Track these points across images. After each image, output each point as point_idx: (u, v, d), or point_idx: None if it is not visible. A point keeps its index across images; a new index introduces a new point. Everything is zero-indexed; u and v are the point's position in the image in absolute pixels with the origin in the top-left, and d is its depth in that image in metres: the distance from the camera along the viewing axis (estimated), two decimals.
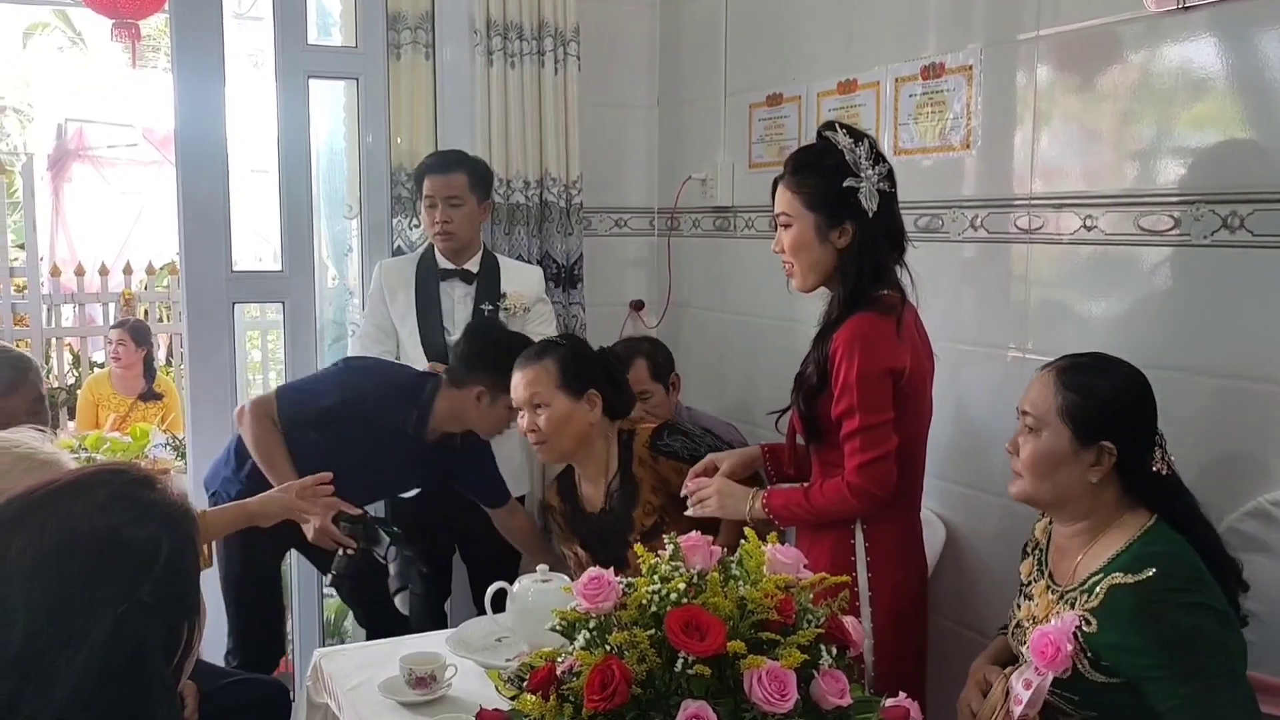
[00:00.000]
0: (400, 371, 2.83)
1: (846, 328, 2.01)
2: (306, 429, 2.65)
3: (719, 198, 3.44)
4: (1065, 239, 2.30)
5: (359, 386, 2.72)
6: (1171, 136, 2.09)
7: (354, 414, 2.67)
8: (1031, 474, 1.77)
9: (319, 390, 2.72)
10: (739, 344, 3.44)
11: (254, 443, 2.64)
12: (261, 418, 2.65)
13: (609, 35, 3.67)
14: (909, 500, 2.14)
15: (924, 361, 2.10)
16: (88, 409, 5.50)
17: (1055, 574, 1.81)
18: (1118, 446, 1.71)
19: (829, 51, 2.98)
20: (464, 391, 2.70)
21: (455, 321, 3.11)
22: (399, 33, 3.32)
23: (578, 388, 2.47)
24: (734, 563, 1.54)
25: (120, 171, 7.59)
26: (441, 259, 3.13)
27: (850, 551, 2.09)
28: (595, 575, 1.44)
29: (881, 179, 2.03)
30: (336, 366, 2.80)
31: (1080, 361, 1.80)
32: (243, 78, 4.51)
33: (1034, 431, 1.76)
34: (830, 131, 2.06)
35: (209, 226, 3.22)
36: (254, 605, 2.87)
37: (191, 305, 3.25)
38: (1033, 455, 1.76)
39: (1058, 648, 1.61)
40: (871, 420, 1.98)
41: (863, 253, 2.04)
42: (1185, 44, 2.05)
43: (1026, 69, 2.38)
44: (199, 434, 3.29)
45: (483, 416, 2.72)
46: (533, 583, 1.96)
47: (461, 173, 3.05)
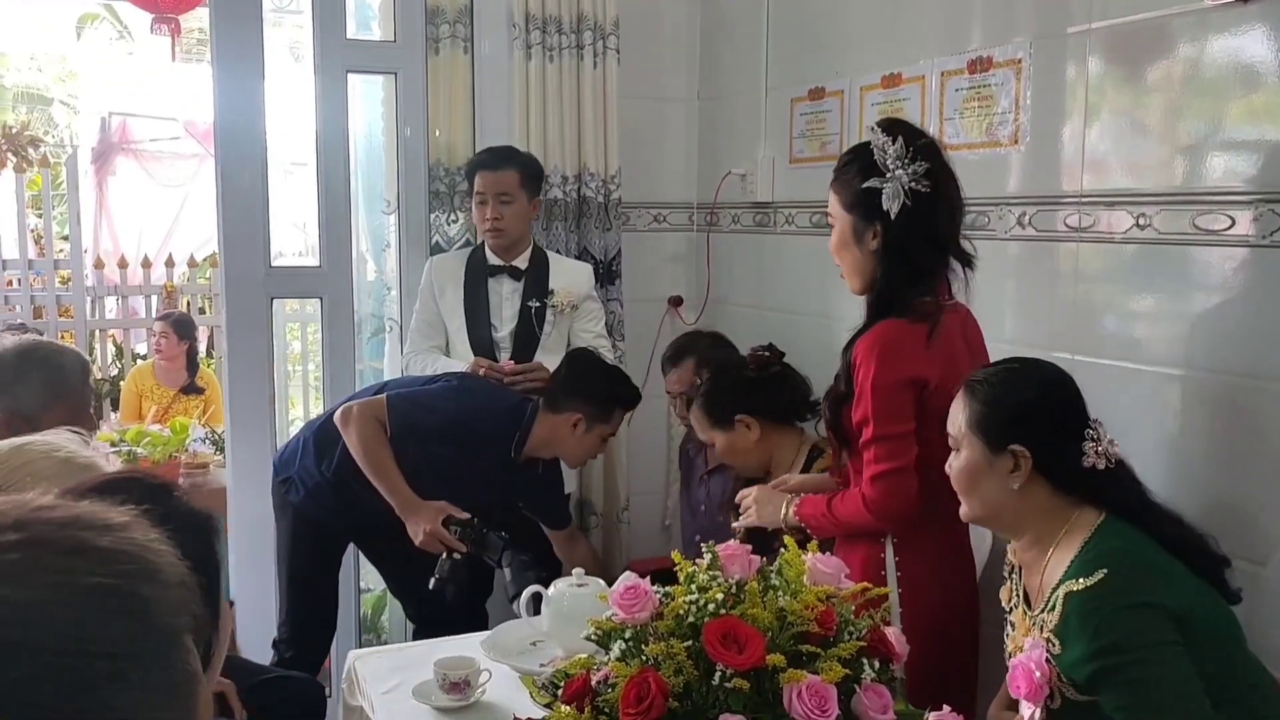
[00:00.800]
0: (506, 396, 2.83)
1: (870, 334, 1.97)
2: (411, 441, 2.65)
3: (759, 193, 3.39)
4: (1117, 237, 2.23)
5: (472, 407, 2.71)
6: (1228, 132, 2.02)
7: (463, 433, 2.67)
8: (963, 493, 1.76)
9: (434, 406, 2.70)
10: (779, 341, 3.35)
11: (362, 446, 2.63)
12: (372, 421, 2.64)
13: (649, 28, 3.63)
14: (946, 516, 2.07)
15: (961, 372, 1.97)
16: (131, 400, 5.54)
17: (1030, 596, 1.75)
18: (1030, 448, 1.67)
19: (873, 44, 2.92)
20: (561, 417, 2.71)
21: (502, 318, 3.11)
22: (438, 27, 3.30)
23: (725, 420, 2.57)
24: (774, 572, 1.50)
25: (163, 165, 7.66)
26: (491, 255, 3.12)
27: (880, 566, 2.03)
28: (632, 584, 1.41)
29: (916, 179, 1.94)
30: (450, 384, 2.78)
31: (988, 372, 1.79)
32: (283, 71, 4.53)
33: (956, 451, 1.76)
34: (875, 128, 2.01)
35: (248, 222, 3.22)
36: (313, 597, 2.91)
37: (230, 300, 3.25)
38: (956, 474, 1.76)
39: (1029, 678, 1.57)
40: (887, 430, 1.93)
41: (889, 256, 1.98)
42: (1242, 36, 1.98)
43: (1077, 62, 2.31)
44: (237, 427, 3.30)
45: (577, 444, 2.74)
46: (568, 586, 1.94)
47: (513, 169, 3.04)
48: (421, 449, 2.65)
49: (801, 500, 2.13)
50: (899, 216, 1.94)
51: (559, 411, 2.70)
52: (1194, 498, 2.00)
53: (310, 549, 2.84)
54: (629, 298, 3.57)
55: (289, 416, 5.88)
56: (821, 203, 3.14)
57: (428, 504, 2.58)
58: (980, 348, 2.10)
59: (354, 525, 2.85)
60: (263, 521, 3.04)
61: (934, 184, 1.94)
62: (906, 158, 1.94)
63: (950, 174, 2.00)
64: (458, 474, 2.70)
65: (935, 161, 1.96)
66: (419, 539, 2.56)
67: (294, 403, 5.96)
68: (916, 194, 1.94)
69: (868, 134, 2.04)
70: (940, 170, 1.96)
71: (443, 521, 2.54)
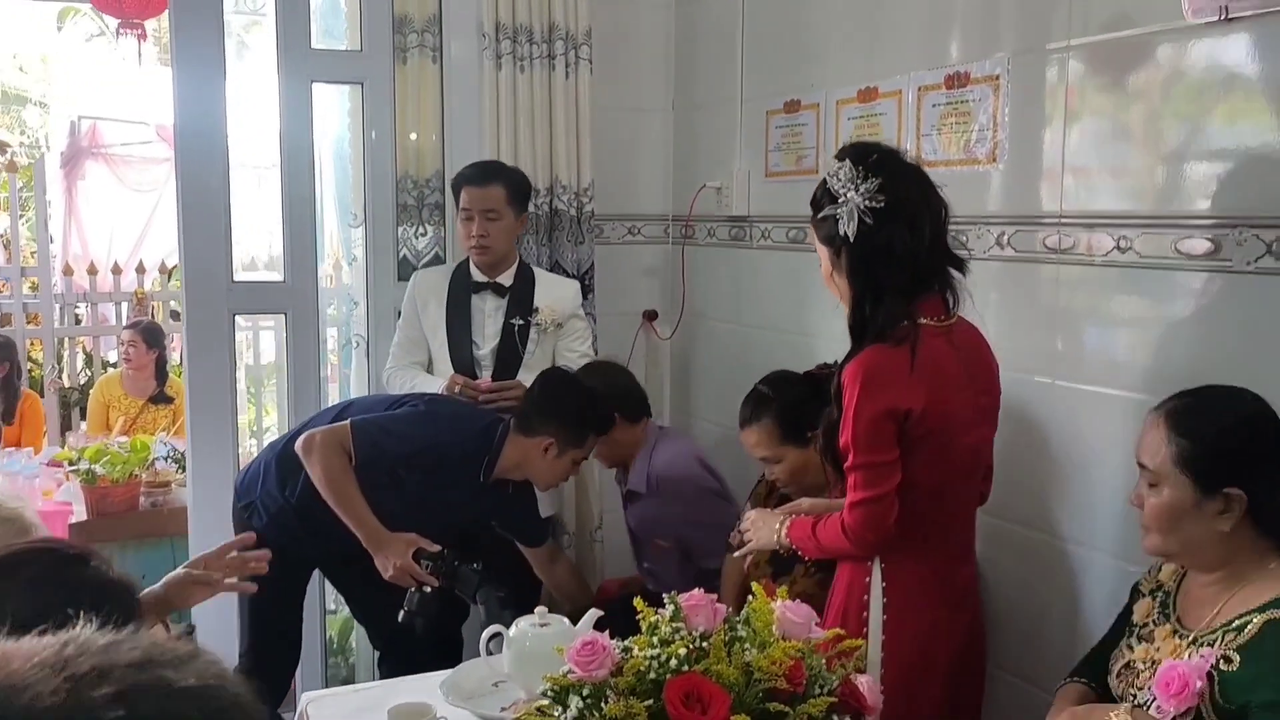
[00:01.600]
0: (476, 418, 2.73)
1: (855, 361, 1.92)
2: (377, 468, 2.57)
3: (735, 207, 3.33)
4: (1097, 260, 2.18)
5: (440, 432, 2.62)
6: (1212, 155, 1.96)
7: (431, 459, 2.59)
8: (1157, 530, 1.67)
9: (401, 433, 2.60)
10: (755, 357, 3.31)
11: (326, 476, 2.54)
12: (336, 450, 2.54)
13: (622, 38, 3.57)
14: (938, 544, 2.00)
15: (951, 398, 1.94)
16: (98, 410, 5.43)
17: (1185, 619, 1.69)
18: (1246, 491, 1.58)
19: (849, 57, 2.86)
20: (532, 440, 2.62)
21: (485, 335, 3.04)
22: (405, 36, 3.23)
23: (800, 436, 2.47)
24: (740, 622, 1.43)
25: (134, 169, 7.53)
26: (475, 271, 3.05)
27: (865, 590, 1.99)
28: (589, 640, 1.34)
29: (870, 196, 1.88)
30: (417, 408, 2.67)
31: (1188, 402, 1.67)
32: (247, 77, 4.44)
33: (1154, 486, 1.66)
34: (830, 159, 1.97)
35: (209, 234, 3.12)
36: (276, 625, 2.82)
37: (190, 315, 3.16)
38: (1155, 511, 1.66)
39: (1186, 683, 1.52)
40: (866, 459, 1.89)
41: (855, 279, 1.94)
42: (1227, 57, 1.92)
43: (1056, 79, 2.25)
44: (198, 446, 3.21)
45: (547, 468, 2.65)
46: (530, 626, 1.86)
47: (499, 185, 2.96)
48: (389, 476, 2.57)
49: (793, 522, 2.10)
50: (858, 237, 1.90)
51: (530, 434, 2.62)
52: None
53: (273, 576, 2.73)
54: (602, 312, 3.50)
55: (264, 424, 5.80)
56: (798, 217, 3.11)
57: (396, 536, 2.50)
58: (981, 364, 2.04)
59: (319, 552, 2.77)
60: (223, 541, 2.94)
61: (889, 197, 1.89)
62: (858, 178, 1.89)
63: (915, 180, 1.94)
64: (426, 500, 2.62)
65: (890, 174, 1.90)
66: (388, 573, 2.48)
67: (269, 410, 5.86)
68: (874, 211, 1.89)
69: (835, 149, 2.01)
70: (897, 181, 1.90)
71: (413, 554, 2.46)
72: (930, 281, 1.96)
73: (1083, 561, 2.26)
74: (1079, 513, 2.26)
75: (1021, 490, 2.34)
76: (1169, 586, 1.76)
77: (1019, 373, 2.34)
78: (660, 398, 3.78)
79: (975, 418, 2.01)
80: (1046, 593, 2.34)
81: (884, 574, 1.97)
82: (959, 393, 1.96)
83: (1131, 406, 2.11)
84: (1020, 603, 2.39)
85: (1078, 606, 2.27)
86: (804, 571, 2.34)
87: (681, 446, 2.98)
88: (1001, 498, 2.29)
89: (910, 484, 1.91)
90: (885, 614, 1.96)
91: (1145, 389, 2.09)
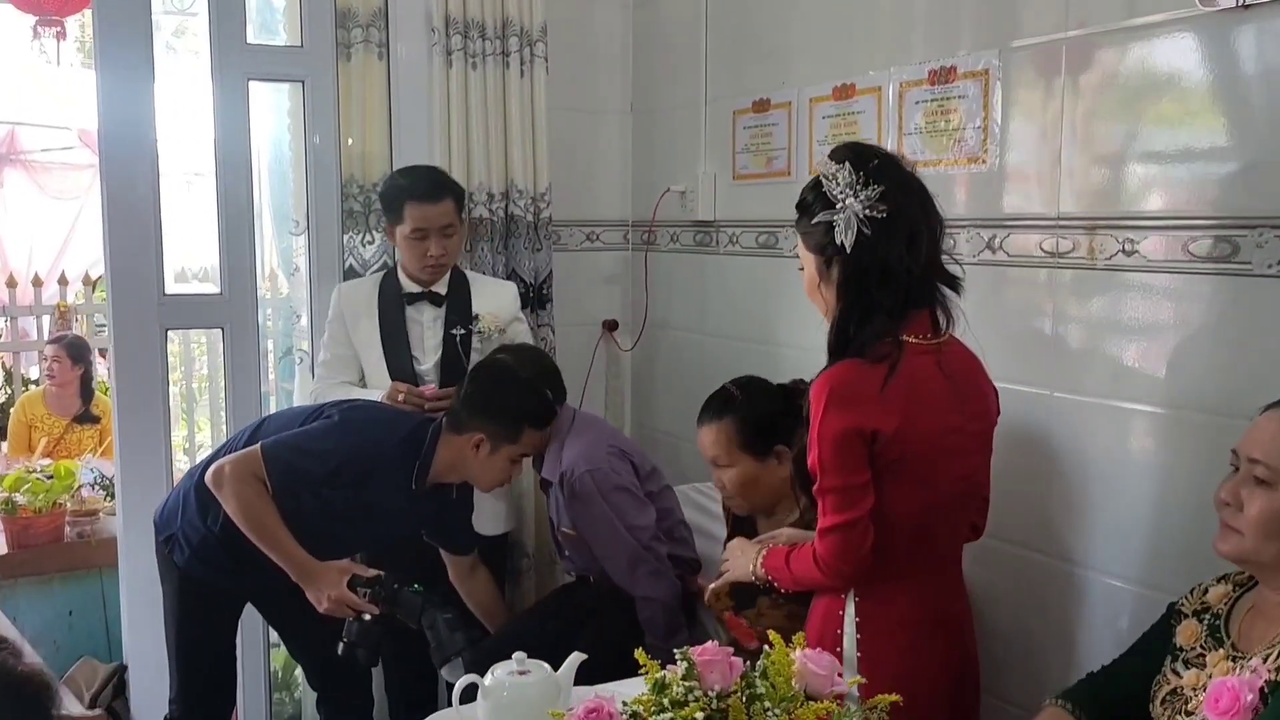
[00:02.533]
0: (401, 421, 2.51)
1: (823, 375, 1.79)
2: (301, 492, 2.36)
3: (700, 212, 3.18)
4: (1099, 265, 2.05)
5: (361, 443, 2.40)
6: (1227, 149, 1.85)
7: (355, 473, 2.38)
8: (1259, 534, 1.51)
9: (318, 451, 2.37)
10: (721, 369, 3.15)
11: (242, 510, 2.32)
12: (249, 480, 2.32)
13: (579, 35, 3.42)
14: (918, 579, 1.85)
15: (931, 422, 1.79)
16: (20, 431, 5.15)
17: (1242, 645, 1.56)
18: None
19: (823, 52, 2.73)
20: (462, 438, 2.42)
21: (425, 349, 2.85)
22: (349, 31, 3.03)
23: (762, 448, 2.29)
24: (758, 676, 1.27)
25: (55, 176, 7.18)
26: (407, 281, 2.85)
27: (838, 624, 1.85)
28: (594, 707, 1.17)
29: (870, 205, 1.74)
30: (331, 420, 2.45)
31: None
32: (182, 78, 4.20)
33: (1267, 485, 1.50)
34: (826, 159, 1.82)
35: (137, 245, 2.90)
36: (207, 666, 2.60)
37: (119, 332, 2.93)
38: (1264, 514, 1.50)
39: (1236, 697, 1.42)
40: (835, 482, 1.75)
41: (846, 293, 1.80)
42: (1241, 46, 1.81)
43: (1052, 72, 2.13)
44: (128, 472, 2.98)
45: (481, 467, 2.45)
46: (508, 675, 1.68)
47: (450, 199, 2.77)
48: (314, 496, 2.37)
49: (768, 552, 1.97)
50: (855, 249, 1.75)
51: (461, 432, 2.43)
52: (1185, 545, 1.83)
53: (201, 614, 2.54)
54: (561, 322, 3.34)
55: (197, 442, 5.52)
56: (768, 221, 2.98)
57: (327, 566, 2.31)
58: (972, 386, 1.89)
59: (249, 586, 2.56)
60: (157, 573, 2.72)
61: (891, 207, 1.74)
62: (858, 184, 1.74)
63: (915, 191, 1.80)
64: (357, 517, 2.43)
65: (891, 183, 1.75)
66: (322, 606, 2.29)
67: (201, 426, 5.59)
68: (874, 221, 1.74)
69: (818, 152, 1.85)
70: (899, 191, 1.76)
71: (348, 583, 2.27)
72: (921, 300, 1.82)
73: (1082, 583, 2.15)
74: (1079, 532, 2.14)
75: (1019, 508, 2.21)
76: (1219, 609, 1.63)
77: (1013, 384, 2.21)
78: (622, 411, 3.63)
79: (964, 444, 1.86)
80: (1043, 616, 2.22)
81: (858, 608, 1.84)
82: (943, 416, 1.81)
83: (1141, 421, 2.01)
84: (1016, 627, 2.27)
85: (1076, 631, 2.16)
86: (770, 604, 2.18)
87: (594, 436, 2.73)
88: (997, 516, 2.14)
89: (887, 514, 1.77)
90: (859, 650, 1.83)
91: (1151, 401, 1.99)
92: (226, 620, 2.63)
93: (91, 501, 3.52)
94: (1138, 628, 1.98)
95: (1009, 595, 2.27)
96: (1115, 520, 2.06)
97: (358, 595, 2.27)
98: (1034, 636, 2.24)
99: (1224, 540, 1.56)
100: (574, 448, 2.63)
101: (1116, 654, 2.05)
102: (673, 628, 2.54)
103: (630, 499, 2.63)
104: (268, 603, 2.69)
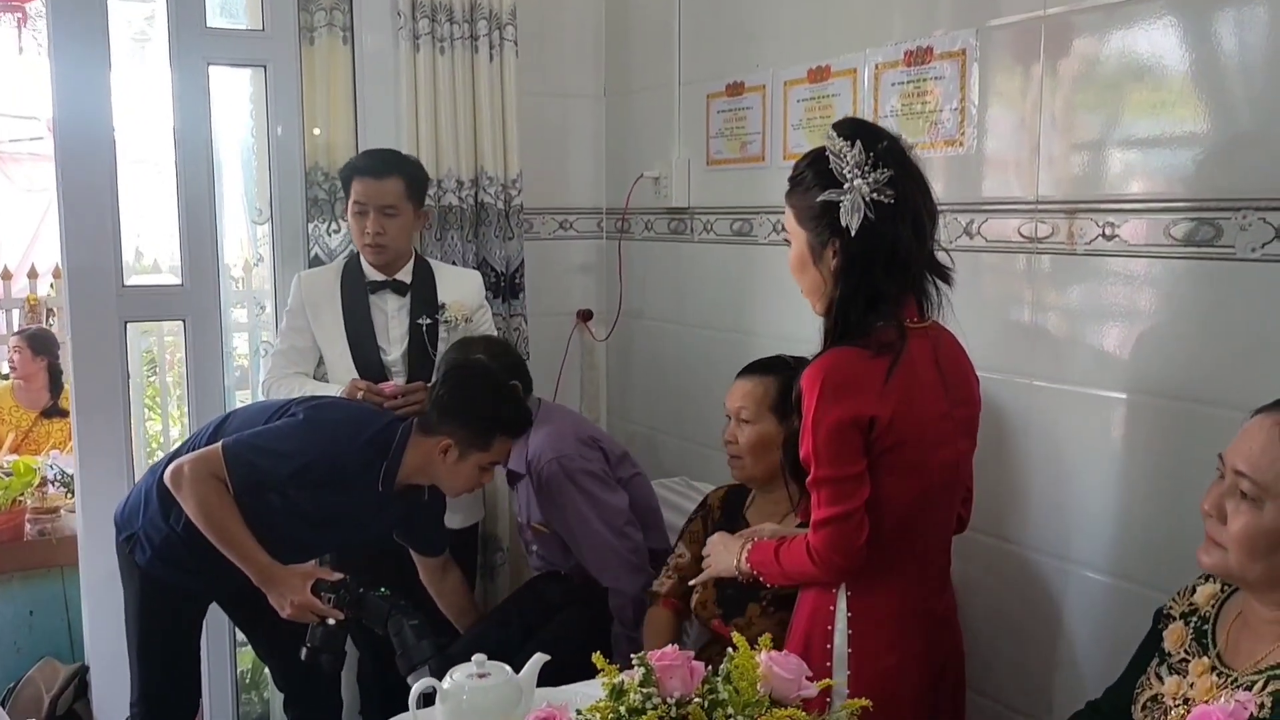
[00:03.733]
0: (368, 420, 2.41)
1: (816, 362, 1.72)
2: (264, 492, 2.28)
3: (674, 198, 3.11)
4: (1079, 249, 2.00)
5: (326, 443, 2.31)
6: (1211, 130, 1.79)
7: (320, 474, 2.29)
8: (1242, 552, 1.40)
9: (282, 451, 2.29)
10: (697, 358, 3.12)
11: (202, 512, 2.24)
12: (209, 481, 2.24)
13: (549, 18, 3.34)
14: (909, 572, 1.80)
15: (925, 406, 1.74)
16: None
17: (1228, 655, 1.47)
18: None
19: (797, 33, 2.66)
20: (431, 440, 2.33)
21: (391, 339, 2.78)
22: (312, 14, 2.96)
23: (787, 414, 2.12)
24: (720, 680, 1.21)
25: (24, 167, 7.08)
26: (370, 269, 2.77)
27: (829, 620, 1.79)
28: (545, 715, 1.10)
29: (878, 188, 1.68)
30: (296, 419, 2.36)
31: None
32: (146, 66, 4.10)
33: (1251, 500, 1.38)
34: (831, 132, 1.74)
35: (94, 235, 2.82)
36: (170, 670, 2.52)
37: (76, 325, 2.84)
38: (1247, 532, 1.39)
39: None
40: (831, 472, 1.69)
41: (848, 275, 1.72)
42: (1229, 20, 1.75)
43: (1031, 53, 2.07)
44: (88, 469, 2.90)
45: (449, 472, 2.35)
46: (468, 678, 1.62)
47: (397, 178, 2.69)
48: (278, 497, 2.29)
49: (754, 545, 1.91)
50: (859, 231, 1.68)
51: (430, 434, 2.34)
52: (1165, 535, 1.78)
53: (163, 614, 2.45)
54: (534, 312, 3.27)
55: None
56: (742, 207, 2.91)
57: (291, 571, 2.24)
58: (959, 373, 1.84)
59: (214, 586, 2.48)
60: (118, 572, 2.65)
61: (898, 193, 1.68)
62: (867, 164, 1.68)
63: (918, 179, 1.74)
64: (324, 519, 2.35)
65: (899, 168, 1.69)
66: (285, 611, 2.22)
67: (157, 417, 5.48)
68: (879, 205, 1.68)
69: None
70: (905, 177, 1.70)
71: (312, 588, 2.21)
72: (914, 287, 1.77)
73: (1062, 576, 2.10)
74: (1060, 525, 2.09)
75: (997, 500, 2.16)
76: (1206, 612, 1.54)
77: (992, 372, 2.15)
78: (597, 402, 3.57)
79: (952, 430, 1.80)
80: (1023, 611, 2.17)
81: (849, 603, 1.78)
82: (934, 401, 1.76)
83: (1124, 410, 1.95)
84: (995, 620, 2.22)
85: (1059, 626, 2.11)
86: (760, 611, 2.12)
87: (561, 423, 2.66)
88: (978, 507, 2.10)
89: (879, 503, 1.72)
90: (850, 646, 1.77)
91: (1132, 389, 1.94)
92: (190, 621, 2.55)
93: (53, 499, 3.44)
94: (1116, 622, 1.94)
95: (989, 588, 2.22)
96: (1095, 512, 2.01)
97: (322, 600, 2.21)
98: (1013, 630, 2.19)
99: (1207, 553, 1.47)
100: (540, 436, 2.57)
101: (1094, 649, 2.03)
102: (642, 618, 2.47)
103: (601, 485, 2.56)
104: (233, 603, 2.62)
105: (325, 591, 2.21)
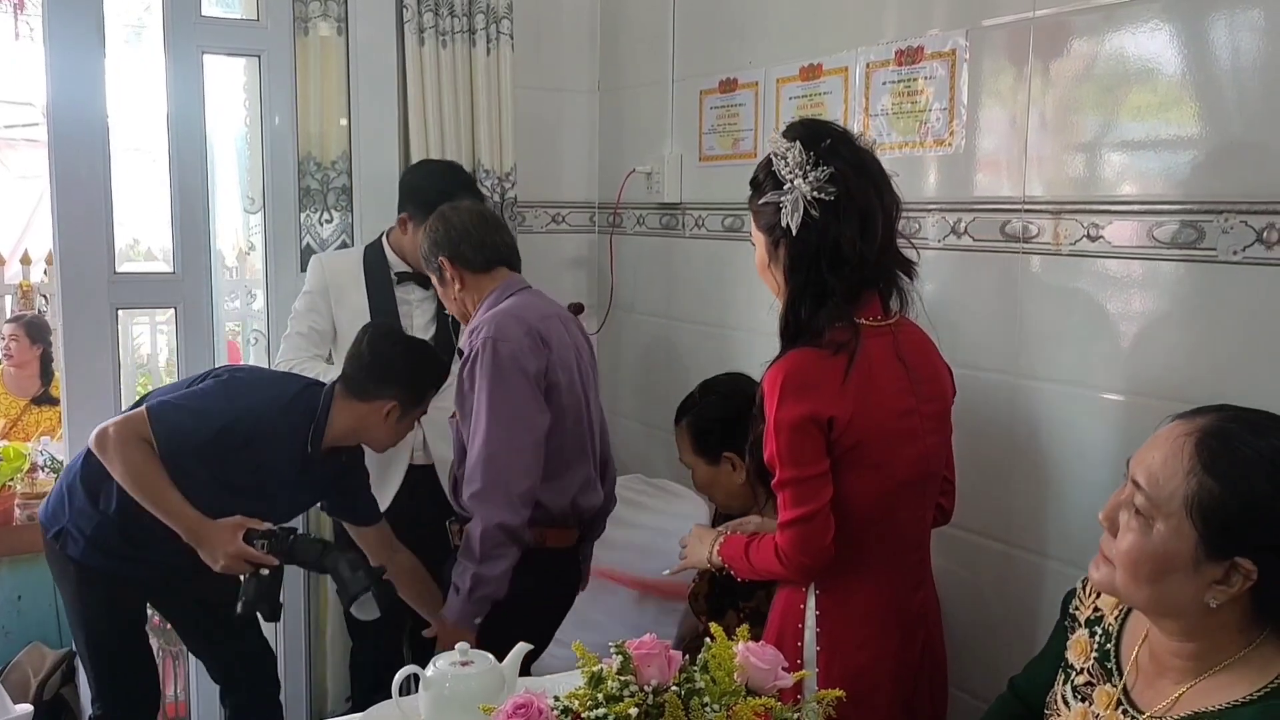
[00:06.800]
0: (288, 382, 2.47)
1: (776, 364, 1.74)
2: (186, 454, 2.29)
3: (666, 193, 3.12)
4: (1064, 250, 2.01)
5: (251, 403, 2.34)
6: (1195, 134, 1.80)
7: (245, 434, 2.30)
8: (1126, 573, 1.28)
9: (206, 410, 2.31)
10: (687, 353, 3.13)
11: (128, 471, 2.25)
12: (134, 441, 2.25)
13: (546, 13, 3.36)
14: (880, 570, 1.81)
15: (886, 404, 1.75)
16: None
17: (1136, 693, 1.36)
18: (1259, 568, 1.20)
19: (790, 32, 2.67)
20: (370, 405, 2.37)
21: (414, 329, 2.80)
22: (307, 4, 2.97)
23: (708, 452, 2.33)
24: (697, 670, 1.22)
25: (18, 153, 7.06)
26: (395, 259, 2.80)
27: (799, 618, 1.81)
28: (523, 702, 1.12)
29: (819, 186, 1.68)
30: (218, 380, 2.40)
31: (1231, 431, 1.23)
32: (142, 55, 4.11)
33: (1143, 518, 1.25)
34: (776, 135, 1.76)
35: (87, 221, 2.82)
36: (120, 659, 2.52)
37: (68, 311, 2.85)
38: (1133, 552, 1.26)
39: None
40: (794, 473, 1.71)
41: (794, 276, 1.75)
42: (1211, 28, 1.77)
43: (1020, 53, 2.08)
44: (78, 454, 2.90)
45: (388, 431, 2.43)
46: (451, 666, 1.63)
47: None
48: (200, 462, 2.29)
49: (726, 539, 1.93)
50: (801, 230, 1.70)
51: (366, 399, 2.37)
52: None
53: (104, 607, 2.44)
54: None
55: None
56: (733, 204, 2.93)
57: (220, 524, 2.25)
58: (927, 368, 1.84)
59: (151, 571, 2.45)
60: None
61: (840, 190, 1.69)
62: (808, 164, 1.69)
63: (870, 174, 1.74)
64: (248, 481, 2.35)
65: (843, 163, 1.70)
66: (218, 565, 2.23)
67: None
68: (822, 203, 1.69)
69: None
70: (850, 172, 1.70)
71: (244, 537, 2.23)
72: (873, 283, 1.78)
73: (1045, 573, 2.11)
74: (1041, 521, 2.10)
75: (980, 497, 2.17)
76: (1110, 625, 1.44)
77: (976, 371, 2.18)
78: None
79: (919, 427, 1.81)
80: (1004, 607, 2.19)
81: (818, 602, 1.79)
82: (897, 398, 1.77)
83: (1109, 410, 1.97)
84: (976, 617, 2.23)
85: (1037, 621, 2.12)
86: (736, 620, 2.14)
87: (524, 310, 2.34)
88: (959, 505, 2.12)
89: (843, 502, 1.73)
90: (819, 644, 1.79)
91: (1114, 388, 1.95)
92: (132, 611, 2.53)
93: (43, 484, 3.43)
94: None
95: (969, 584, 2.24)
96: (1078, 509, 2.03)
97: (255, 549, 2.23)
98: (994, 627, 2.21)
99: (1096, 568, 1.34)
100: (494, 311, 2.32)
101: None
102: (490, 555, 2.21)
103: (523, 386, 2.24)
104: (166, 595, 2.60)
105: (258, 539, 2.23)
